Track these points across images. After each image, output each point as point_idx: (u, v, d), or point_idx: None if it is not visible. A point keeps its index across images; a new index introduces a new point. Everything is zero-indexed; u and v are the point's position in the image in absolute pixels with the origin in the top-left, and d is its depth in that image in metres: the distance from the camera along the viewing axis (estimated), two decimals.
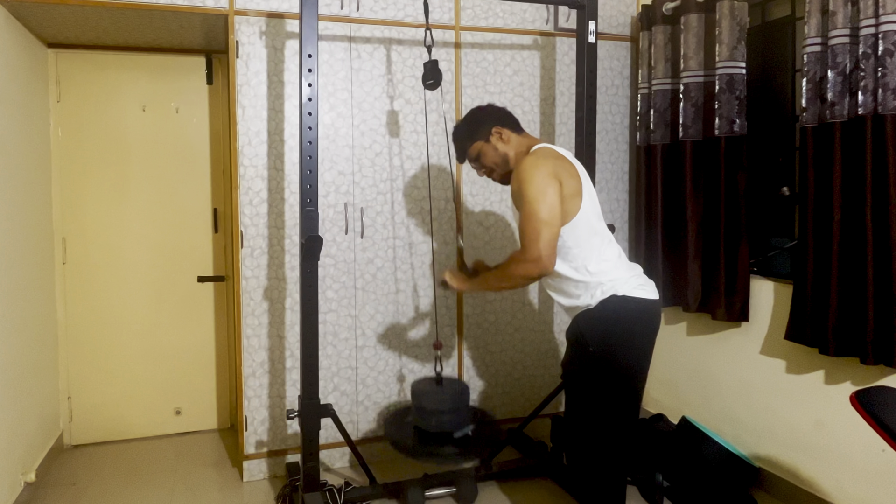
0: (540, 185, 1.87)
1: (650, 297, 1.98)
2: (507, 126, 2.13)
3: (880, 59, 2.08)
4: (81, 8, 2.53)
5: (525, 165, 1.94)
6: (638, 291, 1.96)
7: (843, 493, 2.38)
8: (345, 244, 2.88)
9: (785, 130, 2.77)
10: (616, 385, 1.94)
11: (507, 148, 2.09)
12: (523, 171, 1.93)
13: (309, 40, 2.20)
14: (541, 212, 1.85)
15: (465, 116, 2.21)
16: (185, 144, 3.30)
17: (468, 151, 2.17)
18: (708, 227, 2.81)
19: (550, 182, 1.88)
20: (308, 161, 2.23)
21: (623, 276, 1.97)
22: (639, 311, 1.95)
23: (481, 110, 2.18)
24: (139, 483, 2.84)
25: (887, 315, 2.12)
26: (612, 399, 1.95)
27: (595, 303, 1.95)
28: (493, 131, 2.10)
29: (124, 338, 3.27)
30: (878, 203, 2.14)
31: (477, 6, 2.99)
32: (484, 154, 2.13)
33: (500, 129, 2.10)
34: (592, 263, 1.96)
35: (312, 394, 2.34)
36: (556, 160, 1.97)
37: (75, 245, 3.18)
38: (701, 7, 2.80)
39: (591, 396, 1.97)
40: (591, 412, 1.98)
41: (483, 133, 2.11)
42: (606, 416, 1.96)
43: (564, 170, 1.95)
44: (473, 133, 2.14)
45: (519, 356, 3.21)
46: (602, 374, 1.94)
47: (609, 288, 1.94)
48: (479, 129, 2.13)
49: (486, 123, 2.12)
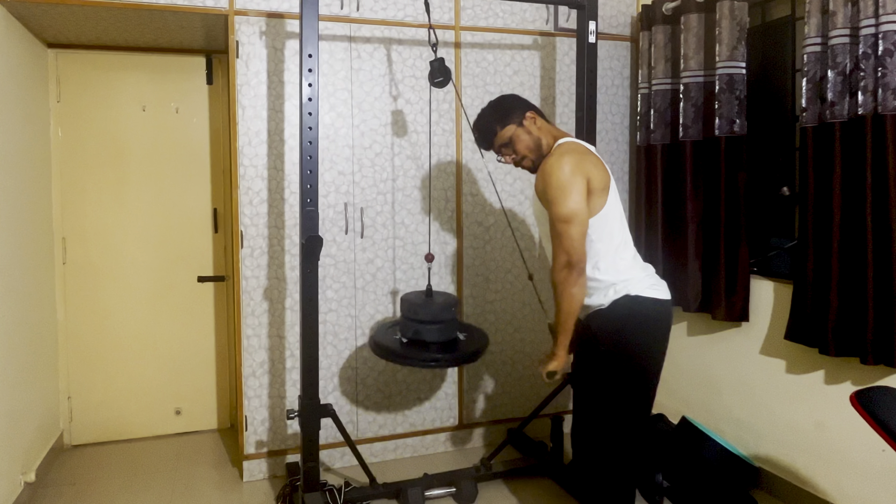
0: (566, 184, 1.85)
1: (663, 297, 1.97)
2: (539, 114, 2.09)
3: (880, 59, 2.08)
4: (81, 8, 2.53)
5: (551, 163, 1.92)
6: (650, 291, 1.95)
7: (842, 493, 2.38)
8: (345, 244, 2.88)
9: (785, 130, 2.77)
10: (626, 385, 1.93)
11: (540, 134, 2.05)
12: (549, 169, 1.91)
13: (309, 40, 2.20)
14: (567, 210, 1.84)
15: (491, 103, 2.13)
16: (185, 144, 3.30)
17: (499, 135, 2.07)
18: (708, 227, 2.81)
19: (577, 179, 1.87)
20: (308, 161, 2.23)
21: (637, 276, 1.96)
22: (651, 311, 1.94)
23: (510, 96, 2.13)
24: (139, 483, 2.84)
25: (887, 315, 2.12)
26: (622, 399, 1.94)
27: (608, 302, 1.94)
28: (528, 115, 2.05)
29: (124, 338, 3.27)
30: (878, 203, 2.14)
31: (477, 6, 2.99)
32: (518, 139, 2.05)
33: (535, 115, 2.06)
34: (609, 261, 1.95)
35: (312, 394, 2.34)
36: (583, 155, 1.94)
37: (75, 245, 3.18)
38: (701, 7, 2.80)
39: (603, 396, 1.95)
40: (601, 412, 1.96)
41: (517, 117, 2.05)
42: (617, 416, 1.94)
43: (592, 164, 1.93)
44: (506, 116, 2.06)
45: (519, 356, 3.21)
46: (613, 374, 1.93)
47: (622, 288, 1.93)
48: (512, 112, 2.06)
49: (519, 107, 2.07)
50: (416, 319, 2.37)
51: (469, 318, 3.09)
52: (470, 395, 3.14)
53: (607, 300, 1.94)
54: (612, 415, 1.95)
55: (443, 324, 2.38)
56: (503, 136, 2.07)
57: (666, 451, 2.71)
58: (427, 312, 2.37)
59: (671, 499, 2.61)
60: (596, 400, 1.98)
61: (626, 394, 1.94)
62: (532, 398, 3.22)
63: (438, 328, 2.37)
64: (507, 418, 3.21)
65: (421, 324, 2.36)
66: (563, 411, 3.22)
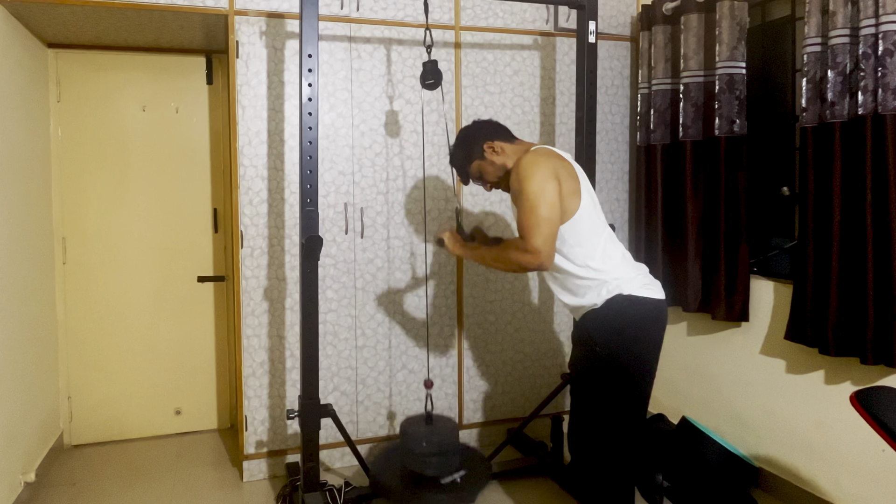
0: (539, 182, 1.88)
1: (657, 297, 1.98)
2: (498, 137, 2.12)
3: (880, 59, 2.08)
4: (81, 8, 2.53)
5: (524, 163, 1.94)
6: (644, 291, 1.95)
7: (842, 492, 2.38)
8: (345, 244, 2.88)
9: (785, 130, 2.77)
10: (623, 385, 1.94)
11: (503, 158, 2.09)
12: (522, 169, 1.93)
13: (309, 40, 2.20)
14: (540, 207, 1.86)
15: (455, 141, 2.21)
16: (185, 144, 3.30)
17: (469, 173, 2.18)
18: (708, 227, 2.81)
19: (549, 179, 1.89)
20: (308, 161, 2.23)
21: (629, 275, 1.97)
22: (646, 311, 1.95)
23: (468, 129, 2.18)
24: (139, 483, 2.84)
25: (887, 315, 2.12)
26: (619, 399, 1.94)
27: (601, 302, 1.95)
28: (486, 147, 2.10)
29: (124, 338, 3.27)
30: (878, 203, 2.14)
31: (477, 6, 2.99)
32: (484, 170, 2.13)
33: (491, 143, 2.10)
34: (596, 261, 1.96)
35: (312, 394, 2.34)
36: (555, 159, 1.97)
37: (75, 245, 3.18)
38: (701, 7, 2.80)
39: (599, 397, 1.96)
40: (598, 413, 1.97)
41: (477, 151, 2.11)
42: (614, 417, 1.95)
43: (563, 168, 1.96)
44: (468, 154, 2.14)
45: (519, 356, 3.21)
46: (609, 375, 1.93)
47: (615, 287, 1.93)
48: (472, 148, 2.13)
49: (476, 141, 2.12)
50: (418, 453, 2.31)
51: (469, 318, 3.09)
52: (470, 395, 3.14)
53: (600, 299, 1.95)
54: (609, 415, 1.95)
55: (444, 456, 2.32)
56: (472, 171, 2.16)
57: (666, 451, 2.71)
58: (429, 443, 2.30)
59: (671, 499, 2.61)
60: (593, 401, 1.99)
61: (623, 394, 1.94)
62: (532, 398, 3.22)
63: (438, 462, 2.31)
64: (507, 418, 3.21)
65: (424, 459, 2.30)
66: (563, 411, 3.22)
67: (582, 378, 2.03)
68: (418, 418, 2.43)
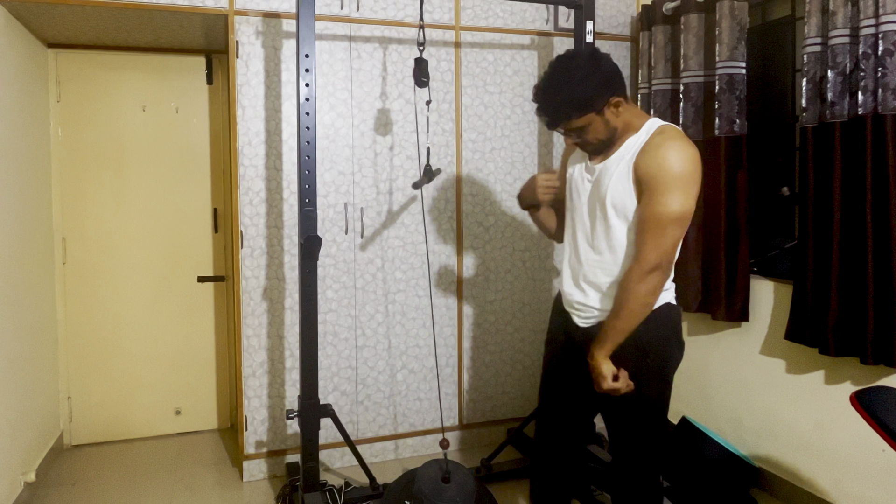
0: (694, 197, 1.64)
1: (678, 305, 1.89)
2: (624, 93, 1.74)
3: (880, 59, 2.08)
4: (81, 8, 2.53)
5: (678, 147, 1.64)
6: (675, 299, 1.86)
7: (842, 492, 2.38)
8: (345, 244, 2.88)
9: (785, 130, 2.76)
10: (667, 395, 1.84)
11: (619, 122, 1.73)
12: (676, 153, 1.63)
13: (306, 40, 2.20)
14: (682, 208, 1.61)
15: (574, 75, 1.68)
16: (185, 144, 3.30)
17: (573, 122, 1.72)
18: (708, 227, 2.81)
19: (699, 177, 1.66)
20: (306, 161, 2.23)
21: (671, 285, 1.84)
22: (679, 320, 1.87)
23: (596, 67, 1.69)
24: (139, 483, 2.84)
25: (887, 315, 2.12)
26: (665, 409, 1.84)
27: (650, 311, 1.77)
28: (612, 102, 1.70)
29: (124, 338, 3.27)
30: (878, 203, 2.14)
31: (477, 6, 2.99)
32: (592, 127, 1.72)
33: (619, 100, 1.70)
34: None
35: (312, 394, 2.34)
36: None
37: (75, 245, 3.18)
38: (701, 7, 2.80)
39: (653, 411, 1.82)
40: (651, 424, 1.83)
41: (600, 103, 1.69)
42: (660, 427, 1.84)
43: None
44: (586, 104, 1.68)
45: (519, 356, 3.21)
46: (658, 386, 1.81)
47: (665, 295, 1.79)
48: (595, 99, 1.68)
49: (604, 91, 1.68)
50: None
51: (469, 318, 3.09)
52: (470, 395, 3.14)
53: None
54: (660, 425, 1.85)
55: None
56: (577, 123, 1.72)
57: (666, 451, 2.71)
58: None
59: (671, 499, 2.61)
60: (646, 415, 1.83)
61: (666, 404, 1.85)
62: (532, 398, 3.21)
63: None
64: (507, 418, 3.21)
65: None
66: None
67: (634, 392, 1.79)
68: (435, 472, 2.22)
